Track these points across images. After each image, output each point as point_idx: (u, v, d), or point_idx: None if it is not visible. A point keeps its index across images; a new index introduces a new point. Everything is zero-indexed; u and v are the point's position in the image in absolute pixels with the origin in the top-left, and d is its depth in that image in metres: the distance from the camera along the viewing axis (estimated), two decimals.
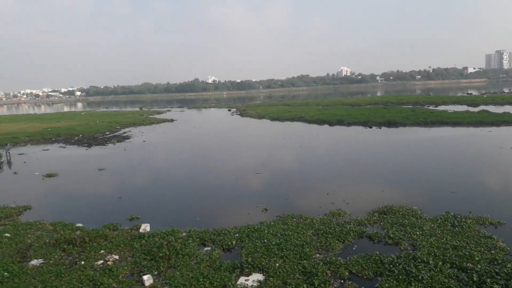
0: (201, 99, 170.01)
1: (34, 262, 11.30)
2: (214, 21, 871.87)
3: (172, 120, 60.91)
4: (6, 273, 10.47)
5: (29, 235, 13.45)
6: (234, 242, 12.16)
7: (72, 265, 11.06)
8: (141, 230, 13.37)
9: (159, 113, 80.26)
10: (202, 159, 28.41)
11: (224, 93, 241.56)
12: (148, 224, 13.80)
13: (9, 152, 31.86)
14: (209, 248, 11.86)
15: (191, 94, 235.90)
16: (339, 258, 10.68)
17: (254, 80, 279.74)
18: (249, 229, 13.03)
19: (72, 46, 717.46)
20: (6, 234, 13.49)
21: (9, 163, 29.40)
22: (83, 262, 11.09)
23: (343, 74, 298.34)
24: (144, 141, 38.44)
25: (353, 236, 12.28)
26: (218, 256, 11.27)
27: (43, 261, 11.33)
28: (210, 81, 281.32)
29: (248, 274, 10.00)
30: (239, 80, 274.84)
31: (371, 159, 24.96)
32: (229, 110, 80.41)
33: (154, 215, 15.48)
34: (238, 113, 71.90)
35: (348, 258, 10.75)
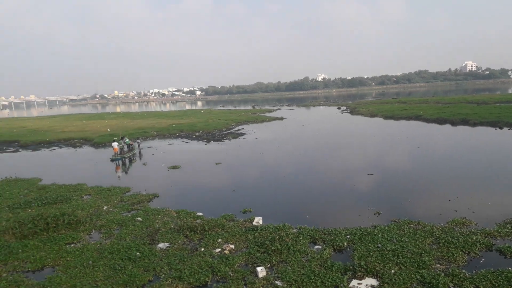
0: (310, 97, 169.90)
1: (161, 245, 12.57)
2: (325, 17, 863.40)
3: (282, 118, 62.03)
4: (138, 253, 11.85)
5: (157, 220, 15.01)
6: (345, 243, 11.94)
7: (193, 250, 12.05)
8: (254, 223, 13.94)
9: (270, 111, 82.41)
10: (312, 157, 28.41)
11: (334, 90, 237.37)
12: (261, 218, 14.32)
13: (140, 145, 35.88)
14: (320, 247, 11.84)
15: (300, 93, 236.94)
16: (464, 271, 9.76)
17: (366, 76, 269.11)
18: (361, 232, 12.67)
19: (193, 47, 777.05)
20: (138, 218, 15.24)
21: (140, 155, 33.12)
22: (203, 249, 12.00)
23: (468, 69, 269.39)
24: (256, 138, 39.89)
25: (480, 248, 11.11)
26: (329, 255, 11.18)
27: (168, 245, 12.54)
28: (319, 79, 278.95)
29: (361, 278, 9.73)
30: (349, 77, 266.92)
31: (502, 164, 22.20)
32: (339, 108, 78.94)
33: (265, 209, 15.99)
34: (348, 111, 70.17)
35: (474, 272, 9.76)
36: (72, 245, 12.99)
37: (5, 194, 20.06)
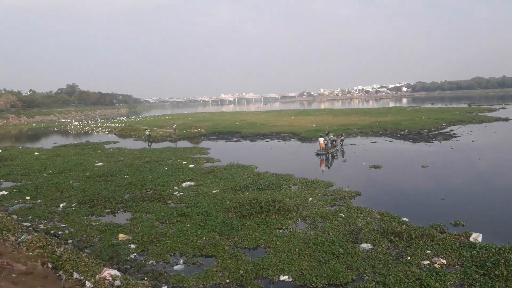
0: None
1: (364, 245, 12.41)
2: None
3: (507, 119, 52.70)
4: (341, 249, 12.00)
5: (359, 219, 14.89)
6: None
7: (398, 257, 11.44)
8: (471, 239, 12.28)
9: (490, 110, 71.30)
10: None
11: None
12: (480, 235, 12.48)
13: (343, 142, 36.40)
14: None
15: None
16: None
17: None
18: None
19: (400, 41, 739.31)
20: (341, 214, 15.45)
21: (342, 151, 33.59)
22: (409, 258, 11.26)
23: None
24: (473, 141, 35.15)
25: None
26: None
27: (372, 247, 12.28)
28: None
29: None
30: None
31: None
32: None
33: (481, 225, 13.81)
34: None
35: None
36: (281, 231, 14.08)
37: (229, 177, 23.44)
